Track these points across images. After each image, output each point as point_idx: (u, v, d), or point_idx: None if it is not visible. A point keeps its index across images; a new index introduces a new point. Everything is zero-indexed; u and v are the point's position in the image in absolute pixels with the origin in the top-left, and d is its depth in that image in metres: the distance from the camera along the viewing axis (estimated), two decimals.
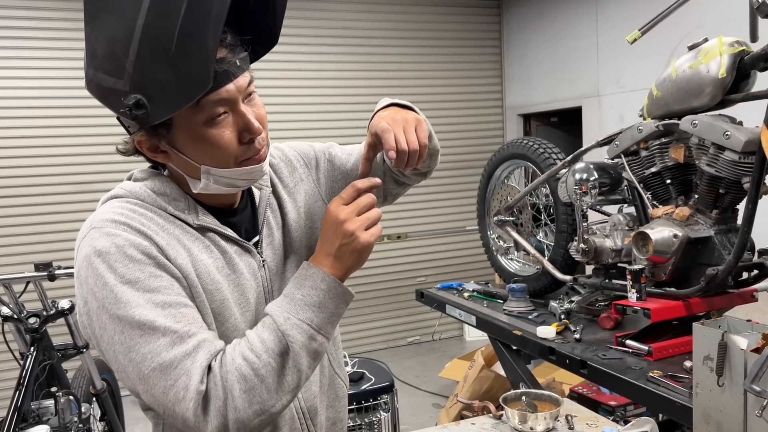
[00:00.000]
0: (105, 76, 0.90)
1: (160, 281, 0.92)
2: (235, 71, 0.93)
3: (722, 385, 1.35)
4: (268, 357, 0.90)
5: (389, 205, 1.37)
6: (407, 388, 4.66)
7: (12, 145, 4.46)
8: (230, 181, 1.00)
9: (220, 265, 1.02)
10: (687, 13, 2.30)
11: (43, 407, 2.49)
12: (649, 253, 1.94)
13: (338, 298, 0.97)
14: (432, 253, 5.80)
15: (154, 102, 0.87)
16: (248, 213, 1.12)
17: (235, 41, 0.95)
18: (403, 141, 1.02)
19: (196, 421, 0.87)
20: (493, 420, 1.76)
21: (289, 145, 1.27)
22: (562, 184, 2.32)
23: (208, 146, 0.95)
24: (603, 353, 1.95)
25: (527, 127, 5.93)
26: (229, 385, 0.88)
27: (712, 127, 1.83)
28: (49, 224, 4.50)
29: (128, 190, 1.01)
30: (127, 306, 0.89)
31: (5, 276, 2.58)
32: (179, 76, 0.86)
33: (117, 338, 0.89)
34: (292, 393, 0.93)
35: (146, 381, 0.88)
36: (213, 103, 0.92)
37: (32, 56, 4.45)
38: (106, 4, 0.90)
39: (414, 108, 1.14)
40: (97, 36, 0.91)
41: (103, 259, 0.91)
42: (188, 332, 0.90)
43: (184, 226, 1.00)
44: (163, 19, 0.85)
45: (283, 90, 5.12)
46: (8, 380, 4.21)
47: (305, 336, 0.92)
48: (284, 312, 0.94)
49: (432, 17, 5.67)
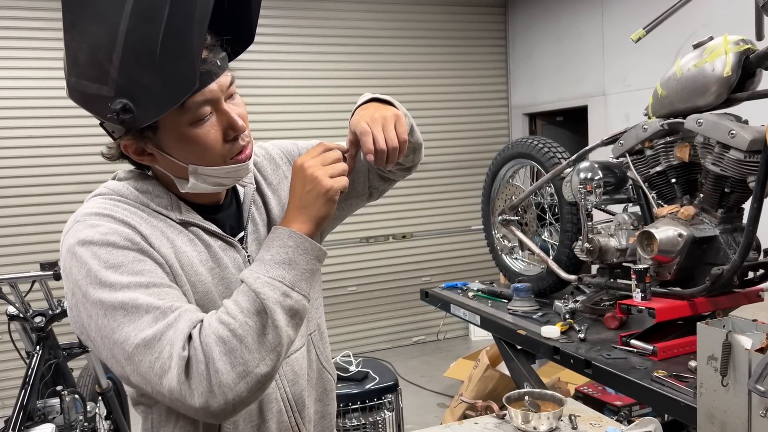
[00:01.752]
0: (88, 83, 0.91)
1: (144, 265, 0.93)
2: (217, 71, 0.95)
3: (726, 385, 1.34)
4: (243, 317, 0.90)
5: (377, 200, 1.37)
6: (412, 387, 4.66)
7: (18, 145, 4.48)
8: (217, 180, 1.02)
9: (204, 258, 1.03)
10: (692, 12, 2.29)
11: (49, 406, 2.50)
12: (654, 253, 1.94)
13: (308, 253, 0.96)
14: (437, 253, 5.79)
15: (141, 105, 0.89)
16: (233, 210, 1.13)
17: (215, 41, 0.96)
18: (381, 140, 1.02)
19: (181, 389, 0.86)
20: (497, 420, 1.76)
21: (273, 144, 1.28)
22: (567, 184, 2.32)
23: (195, 146, 0.96)
24: (607, 353, 1.94)
25: (533, 127, 5.91)
26: (209, 349, 0.87)
27: (717, 126, 1.82)
28: (55, 224, 4.52)
29: (111, 188, 1.03)
30: (111, 289, 0.89)
31: (11, 275, 2.60)
32: (165, 78, 0.88)
33: (101, 322, 0.90)
34: (275, 352, 0.91)
35: (132, 359, 0.88)
36: (198, 103, 0.93)
37: (39, 56, 4.47)
38: (87, 12, 0.90)
39: (394, 102, 1.14)
40: (79, 43, 0.92)
41: (87, 247, 0.92)
42: (171, 307, 0.90)
43: (167, 221, 1.02)
44: (146, 24, 0.86)
45: (287, 90, 5.12)
46: (14, 379, 4.24)
47: (278, 292, 0.91)
48: (254, 273, 0.93)
49: (437, 17, 5.66)
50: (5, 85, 4.44)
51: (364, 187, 1.29)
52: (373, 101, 1.13)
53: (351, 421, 2.68)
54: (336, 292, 5.36)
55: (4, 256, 4.45)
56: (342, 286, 5.43)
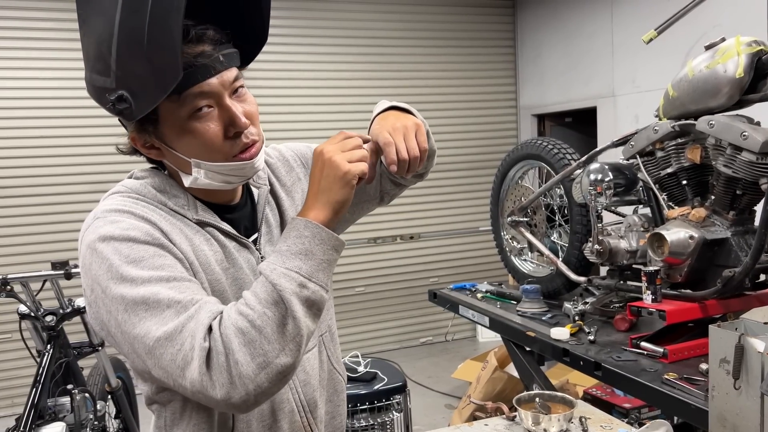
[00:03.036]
0: (97, 76, 0.93)
1: (164, 260, 0.94)
2: (218, 66, 0.95)
3: (739, 388, 1.33)
4: (262, 307, 0.89)
5: (387, 205, 1.37)
6: (419, 388, 4.66)
7: (29, 144, 4.51)
8: (222, 177, 1.02)
9: (220, 258, 1.04)
10: (703, 13, 2.28)
11: (60, 404, 2.51)
12: (665, 255, 1.93)
13: (324, 243, 0.94)
14: (445, 254, 5.78)
15: (137, 96, 0.90)
16: (248, 210, 1.14)
17: (220, 37, 0.97)
18: (403, 150, 1.02)
19: (203, 381, 0.86)
20: (506, 421, 1.75)
21: (286, 146, 1.29)
22: (577, 185, 2.31)
23: (193, 139, 0.97)
24: (617, 355, 1.94)
25: (541, 128, 5.90)
26: (228, 340, 0.87)
27: (729, 128, 1.81)
28: (66, 223, 4.54)
29: (129, 187, 1.04)
30: (132, 283, 0.90)
31: (23, 274, 2.61)
32: (154, 68, 0.89)
33: (121, 317, 0.90)
34: (294, 342, 0.90)
35: (153, 353, 0.88)
36: (194, 95, 0.94)
37: (53, 56, 4.50)
38: (93, 6, 0.92)
39: (413, 111, 1.14)
40: (89, 38, 0.94)
41: (108, 243, 0.92)
42: (192, 300, 0.90)
43: (184, 220, 1.03)
44: (134, 14, 0.88)
45: (296, 90, 5.13)
46: (25, 377, 4.26)
47: (294, 283, 0.90)
48: (271, 264, 0.93)
49: (445, 17, 5.66)
50: (17, 85, 4.47)
51: (376, 191, 1.30)
52: (392, 109, 1.13)
53: (359, 422, 2.68)
54: (344, 292, 5.37)
55: (15, 255, 4.47)
56: (350, 287, 5.44)
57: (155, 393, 1.04)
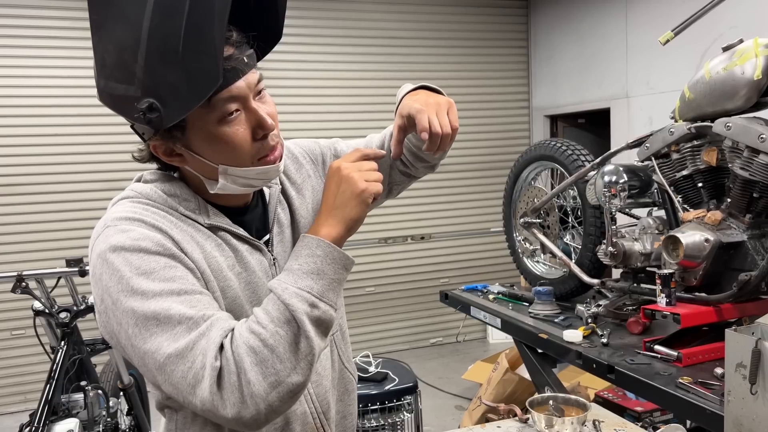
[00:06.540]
0: (116, 84, 0.91)
1: (176, 271, 0.93)
2: (244, 68, 0.94)
3: (755, 393, 1.32)
4: (274, 326, 0.89)
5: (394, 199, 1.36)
6: (429, 389, 4.65)
7: (43, 143, 4.55)
8: (247, 181, 1.01)
9: (231, 263, 1.02)
10: (719, 14, 2.26)
11: (73, 401, 2.53)
12: (680, 258, 1.91)
13: (336, 263, 0.95)
14: (456, 255, 5.77)
15: (167, 104, 0.88)
16: (259, 211, 1.13)
17: (241, 39, 0.96)
18: (436, 124, 1.02)
19: (214, 400, 0.86)
20: (519, 423, 1.74)
21: (294, 142, 1.28)
22: (591, 187, 2.30)
23: (223, 145, 0.95)
24: (631, 358, 1.92)
25: (554, 129, 5.87)
26: (240, 359, 0.87)
27: (746, 130, 1.79)
28: (81, 221, 4.58)
29: (138, 191, 1.02)
30: (143, 297, 0.89)
31: (38, 271, 2.64)
32: (189, 75, 0.87)
33: (131, 331, 0.89)
34: (306, 361, 0.90)
35: (164, 369, 0.88)
36: (224, 100, 0.93)
37: (66, 56, 4.54)
38: (111, 12, 0.90)
39: (441, 91, 1.14)
40: (105, 45, 0.91)
41: (119, 253, 0.91)
42: (203, 316, 0.90)
43: (195, 225, 1.01)
44: (168, 20, 0.86)
45: (308, 90, 5.14)
46: (39, 373, 4.30)
47: (306, 303, 0.90)
48: (283, 283, 0.92)
49: (459, 18, 5.65)
50: (31, 84, 4.51)
51: (385, 183, 1.28)
52: (421, 88, 1.13)
53: (370, 422, 2.68)
54: (354, 292, 5.37)
55: (30, 252, 4.51)
56: (360, 287, 5.44)
57: (166, 398, 1.04)
